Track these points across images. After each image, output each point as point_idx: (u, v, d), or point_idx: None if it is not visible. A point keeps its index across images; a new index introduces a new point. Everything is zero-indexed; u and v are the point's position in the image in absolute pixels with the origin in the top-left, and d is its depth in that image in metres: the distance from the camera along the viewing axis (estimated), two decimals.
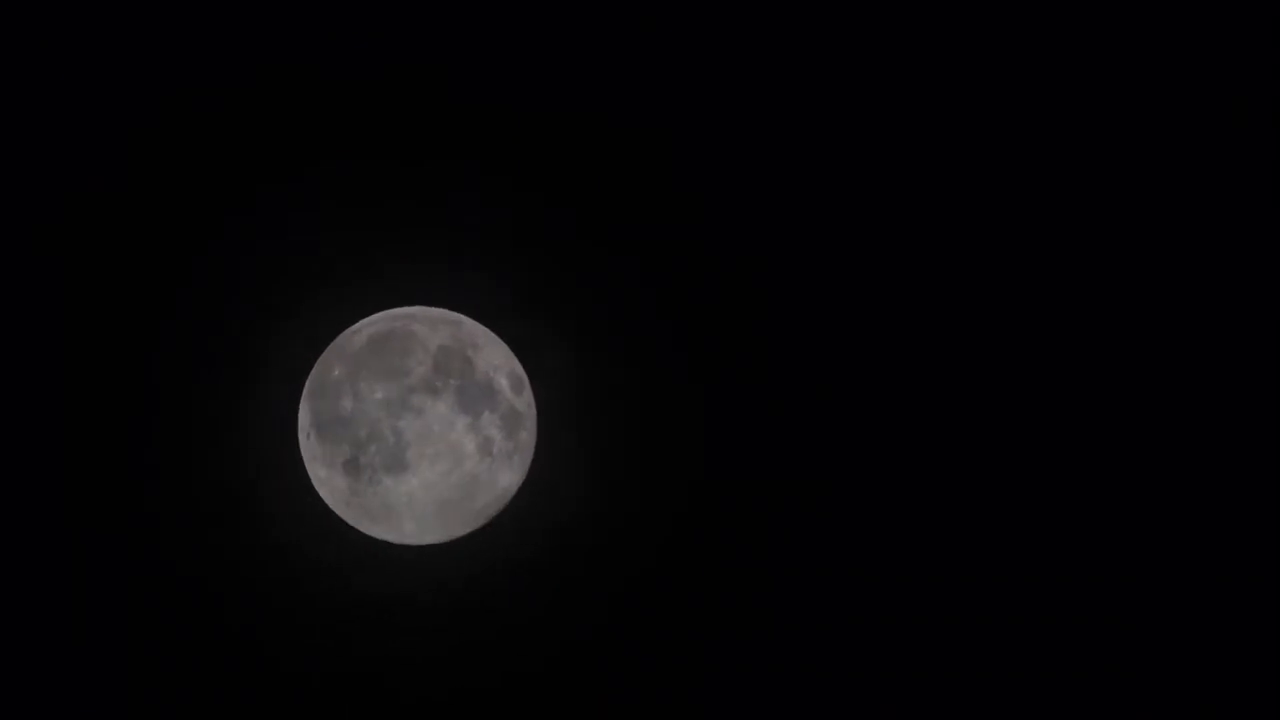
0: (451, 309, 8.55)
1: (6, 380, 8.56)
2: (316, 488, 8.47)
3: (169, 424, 8.64)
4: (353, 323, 8.49)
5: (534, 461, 8.57)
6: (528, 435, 8.50)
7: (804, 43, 8.77)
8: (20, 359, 8.55)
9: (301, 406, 8.44)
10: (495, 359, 8.44)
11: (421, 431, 8.10)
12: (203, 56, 8.59)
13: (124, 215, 8.60)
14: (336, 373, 8.30)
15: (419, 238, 8.73)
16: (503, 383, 8.39)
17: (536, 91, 8.67)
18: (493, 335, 8.54)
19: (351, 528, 8.48)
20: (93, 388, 8.59)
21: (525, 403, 8.50)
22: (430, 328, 8.36)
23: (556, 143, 8.68)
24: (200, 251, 8.63)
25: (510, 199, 8.73)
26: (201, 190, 8.62)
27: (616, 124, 8.69)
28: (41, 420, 8.57)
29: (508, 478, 8.45)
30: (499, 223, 8.75)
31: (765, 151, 8.79)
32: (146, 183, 8.61)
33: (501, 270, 8.73)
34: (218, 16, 8.58)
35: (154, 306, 8.63)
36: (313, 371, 8.44)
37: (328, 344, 8.46)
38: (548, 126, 8.67)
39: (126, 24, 8.56)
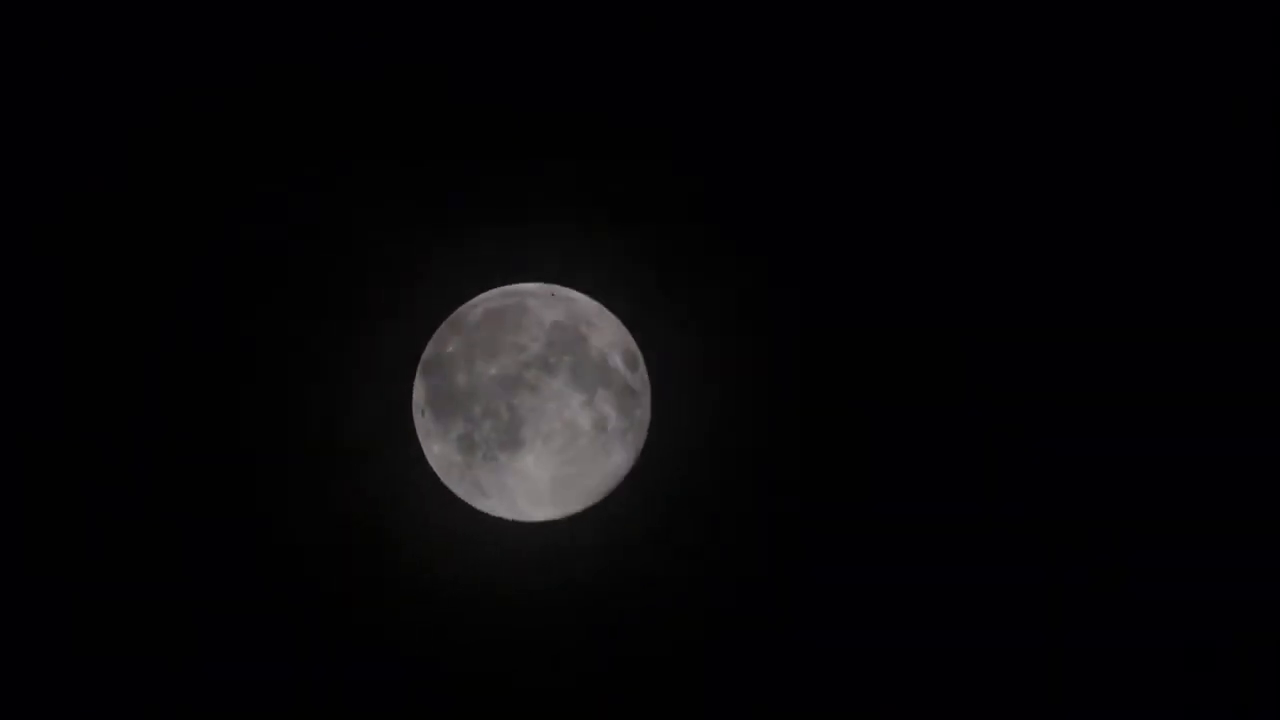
0: (565, 285, 8.55)
1: (7, 380, 8.63)
2: (430, 463, 8.50)
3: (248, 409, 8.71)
4: (468, 298, 8.50)
5: (648, 439, 8.55)
6: (642, 413, 8.48)
7: (805, 42, 8.70)
8: (20, 359, 8.62)
9: (416, 382, 8.46)
10: (609, 335, 8.42)
11: (536, 408, 8.10)
12: (203, 56, 8.61)
13: (124, 215, 8.64)
14: (451, 349, 8.31)
15: (530, 216, 8.74)
16: (617, 360, 8.37)
17: (536, 91, 8.65)
18: (607, 312, 8.52)
19: (465, 503, 8.51)
20: (92, 388, 8.64)
21: (640, 380, 8.48)
22: (545, 304, 8.35)
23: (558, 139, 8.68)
24: (201, 251, 8.67)
25: (606, 180, 8.74)
26: (201, 190, 8.65)
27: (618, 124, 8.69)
28: (41, 420, 8.64)
29: (621, 455, 8.43)
30: (612, 202, 8.74)
31: (767, 148, 8.74)
32: (146, 183, 8.65)
33: (616, 248, 8.71)
34: (218, 16, 8.60)
35: (153, 306, 8.67)
36: (427, 347, 8.46)
37: (443, 320, 8.49)
38: (548, 126, 8.66)
39: (126, 24, 8.59)
